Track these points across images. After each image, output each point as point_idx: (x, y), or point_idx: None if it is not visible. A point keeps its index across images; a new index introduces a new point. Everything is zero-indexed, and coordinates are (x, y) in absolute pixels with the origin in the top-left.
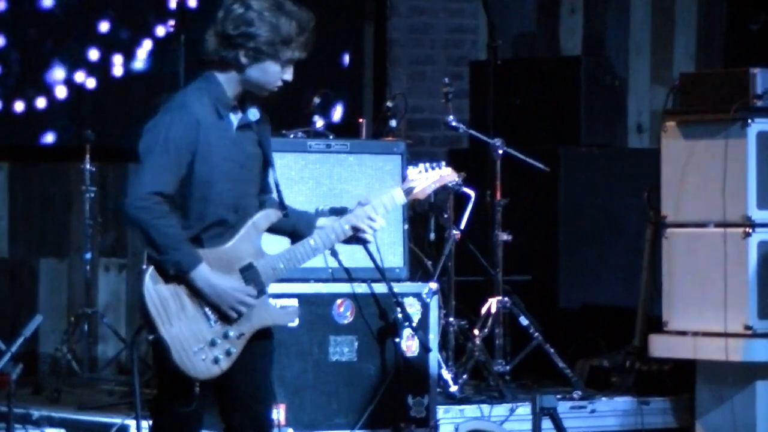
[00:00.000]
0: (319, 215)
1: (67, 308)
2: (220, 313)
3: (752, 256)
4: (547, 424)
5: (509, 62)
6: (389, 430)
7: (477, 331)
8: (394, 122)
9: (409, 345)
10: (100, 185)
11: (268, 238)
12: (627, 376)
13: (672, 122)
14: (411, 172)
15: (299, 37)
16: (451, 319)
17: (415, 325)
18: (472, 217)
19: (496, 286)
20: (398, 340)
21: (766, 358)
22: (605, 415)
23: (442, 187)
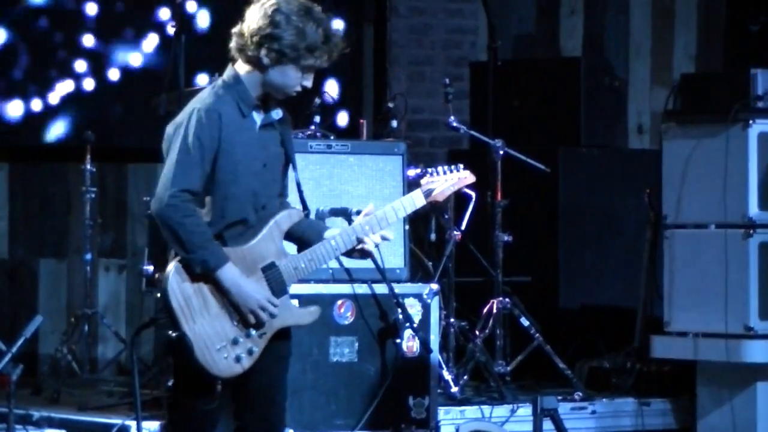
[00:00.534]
0: (320, 216)
1: (66, 309)
2: (242, 313)
3: (753, 257)
4: (548, 426)
5: (509, 63)
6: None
7: (477, 332)
8: (395, 123)
9: (410, 346)
10: (100, 186)
11: None
12: (627, 377)
13: (672, 123)
14: (428, 176)
15: (324, 45)
16: (452, 319)
17: (415, 325)
18: (472, 217)
19: (497, 286)
20: (399, 341)
21: (767, 359)
22: (606, 416)
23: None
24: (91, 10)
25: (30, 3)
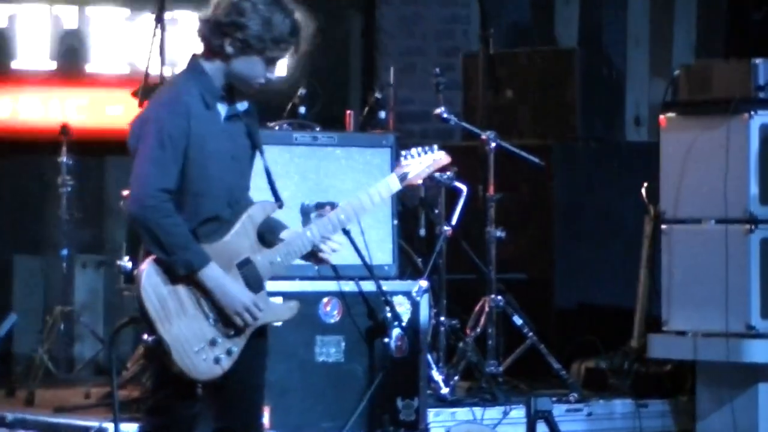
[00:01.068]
0: (306, 211)
1: (43, 307)
2: (222, 314)
3: (754, 254)
4: (542, 428)
5: (503, 53)
6: None
7: (469, 331)
8: (383, 114)
9: (399, 345)
10: (78, 179)
11: None
12: (625, 377)
13: (672, 115)
14: (403, 159)
15: (292, 37)
16: (442, 318)
17: (404, 324)
18: (464, 212)
19: (489, 284)
20: (387, 340)
21: None
22: (602, 419)
23: (431, 178)
24: None
25: None
